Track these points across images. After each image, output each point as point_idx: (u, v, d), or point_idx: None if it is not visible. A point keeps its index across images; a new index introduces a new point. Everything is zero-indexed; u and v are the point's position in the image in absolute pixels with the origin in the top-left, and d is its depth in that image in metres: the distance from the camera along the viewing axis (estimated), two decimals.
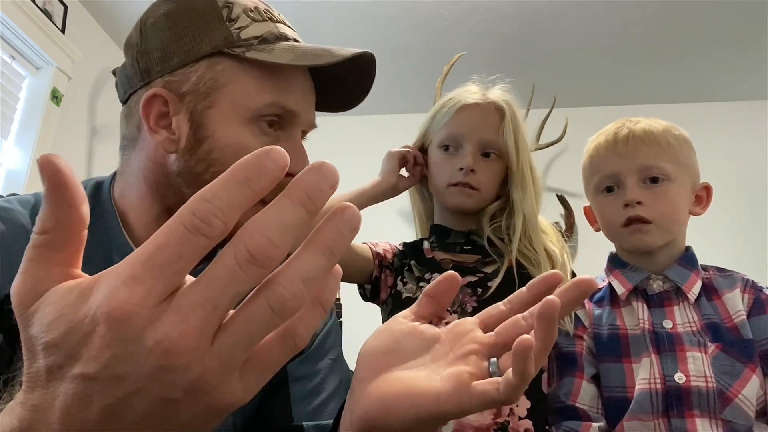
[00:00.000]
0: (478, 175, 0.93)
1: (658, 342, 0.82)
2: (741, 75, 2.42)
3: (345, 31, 2.23)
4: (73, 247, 0.26)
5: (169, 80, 0.60)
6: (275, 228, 0.23)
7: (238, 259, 0.23)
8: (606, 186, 0.92)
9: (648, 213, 0.86)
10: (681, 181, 0.88)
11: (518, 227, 0.92)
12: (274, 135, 0.63)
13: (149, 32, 0.62)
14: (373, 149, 1.93)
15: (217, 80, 0.60)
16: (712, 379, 0.78)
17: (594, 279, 0.37)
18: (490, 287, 0.89)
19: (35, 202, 0.63)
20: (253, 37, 0.60)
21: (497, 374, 0.38)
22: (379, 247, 0.98)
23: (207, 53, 0.59)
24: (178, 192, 0.62)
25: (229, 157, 0.59)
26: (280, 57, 0.60)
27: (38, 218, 0.25)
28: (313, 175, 0.24)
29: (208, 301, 0.23)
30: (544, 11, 2.10)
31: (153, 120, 0.61)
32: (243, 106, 0.60)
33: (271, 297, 0.24)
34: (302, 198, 0.24)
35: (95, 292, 0.23)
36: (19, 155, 1.88)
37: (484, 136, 0.94)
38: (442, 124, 0.97)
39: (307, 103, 0.66)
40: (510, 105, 0.96)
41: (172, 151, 0.61)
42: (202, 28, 0.60)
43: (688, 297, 0.85)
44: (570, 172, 1.64)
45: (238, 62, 0.60)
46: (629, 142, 0.89)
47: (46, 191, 0.24)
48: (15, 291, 0.25)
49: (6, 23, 1.75)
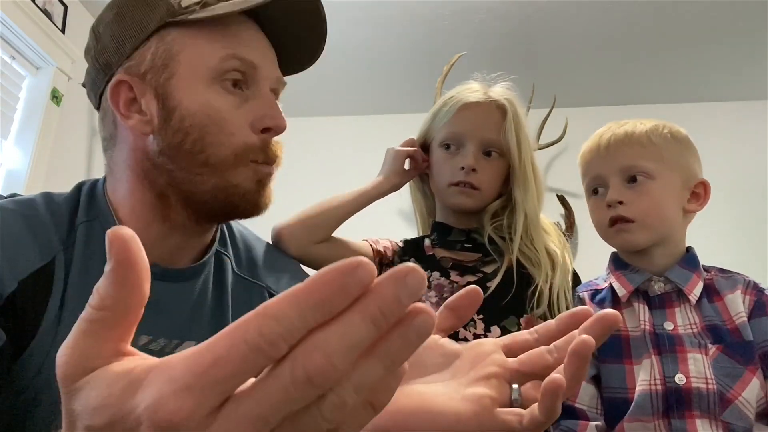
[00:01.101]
0: (480, 174, 0.93)
1: (659, 343, 0.82)
2: (741, 75, 2.41)
3: (345, 31, 2.23)
4: (128, 324, 0.25)
5: (128, 66, 0.62)
6: (339, 350, 0.21)
7: (294, 379, 0.21)
8: (593, 188, 0.94)
9: (629, 212, 0.87)
10: (665, 178, 0.88)
11: (519, 226, 0.92)
12: (240, 93, 0.64)
13: (101, 32, 0.64)
14: (373, 149, 1.93)
15: (170, 50, 0.61)
16: (712, 381, 0.78)
17: (618, 314, 0.35)
18: (489, 287, 0.89)
19: (35, 202, 0.63)
20: (194, 3, 0.62)
21: (519, 402, 0.37)
22: (379, 244, 0.98)
23: (154, 29, 0.62)
24: (164, 171, 0.62)
25: (203, 120, 0.61)
26: (221, 10, 0.61)
27: (96, 292, 0.24)
28: (394, 285, 0.21)
29: (258, 419, 0.21)
30: (544, 11, 2.10)
31: (123, 107, 0.62)
32: (201, 67, 0.62)
33: (323, 406, 0.22)
34: (375, 315, 0.21)
35: (144, 390, 0.22)
36: (19, 155, 1.88)
37: (486, 135, 0.94)
38: (444, 123, 0.96)
39: (264, 56, 0.66)
40: (512, 103, 0.96)
41: (148, 132, 0.62)
42: (145, 9, 0.62)
43: (689, 299, 0.85)
44: (570, 172, 1.64)
45: (184, 28, 0.62)
46: (610, 145, 0.90)
47: (110, 267, 0.23)
48: (61, 362, 0.24)
49: (6, 23, 1.75)
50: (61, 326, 0.57)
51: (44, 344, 0.56)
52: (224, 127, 0.62)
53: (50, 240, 0.60)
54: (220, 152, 0.61)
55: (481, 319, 0.87)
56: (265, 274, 0.74)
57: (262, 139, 0.64)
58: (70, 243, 0.61)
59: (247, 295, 0.72)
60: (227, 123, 0.62)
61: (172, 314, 0.65)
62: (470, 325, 0.86)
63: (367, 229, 1.00)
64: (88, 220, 0.64)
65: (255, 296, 0.73)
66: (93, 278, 0.60)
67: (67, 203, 0.65)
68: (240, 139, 0.62)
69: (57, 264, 0.59)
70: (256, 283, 0.73)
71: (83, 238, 0.62)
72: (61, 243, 0.60)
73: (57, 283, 0.58)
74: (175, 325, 0.65)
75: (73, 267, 0.60)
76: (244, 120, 0.63)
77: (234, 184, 0.63)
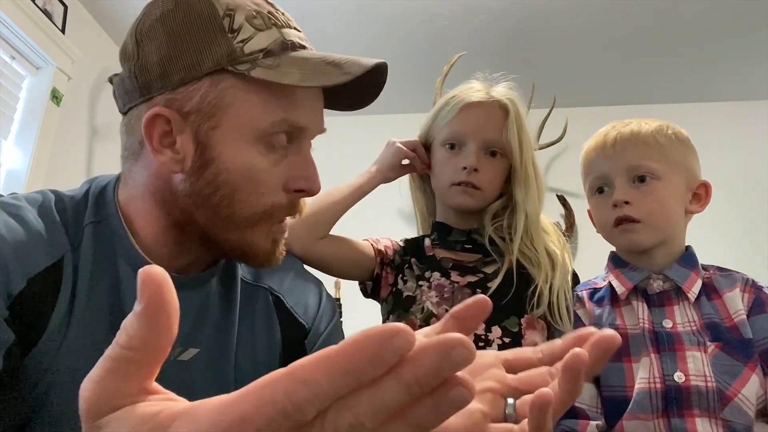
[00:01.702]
0: (482, 174, 0.93)
1: (658, 341, 0.82)
2: (741, 75, 2.42)
3: (345, 31, 2.23)
4: (155, 363, 0.24)
5: (170, 98, 0.57)
6: (370, 411, 0.20)
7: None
8: (597, 187, 0.93)
9: (636, 212, 0.87)
10: (671, 179, 0.88)
11: (520, 226, 0.92)
12: (281, 150, 0.61)
13: (145, 42, 0.58)
14: (373, 149, 1.93)
15: (221, 99, 0.57)
16: (711, 379, 0.78)
17: (617, 334, 0.35)
18: (490, 287, 0.89)
19: (43, 200, 0.62)
20: (258, 50, 0.57)
21: (513, 417, 0.36)
22: (380, 243, 0.98)
23: (209, 70, 0.56)
24: (185, 212, 0.61)
25: (238, 179, 0.58)
26: (287, 77, 0.57)
27: (125, 330, 0.24)
28: (437, 356, 0.20)
29: None
30: (544, 11, 2.10)
31: (156, 140, 0.58)
32: (250, 126, 0.58)
33: None
34: (410, 383, 0.20)
35: None
36: (19, 155, 1.88)
37: (488, 135, 0.94)
38: (446, 122, 0.96)
39: (316, 115, 0.64)
40: (514, 103, 0.96)
41: (177, 171, 0.59)
42: (202, 42, 0.56)
43: (688, 296, 0.85)
44: (570, 172, 1.64)
45: (242, 80, 0.57)
46: (616, 144, 0.90)
47: (141, 307, 0.23)
48: (85, 396, 0.24)
49: (6, 23, 1.75)
50: (70, 331, 0.57)
51: (51, 346, 0.56)
52: (257, 188, 0.59)
53: (59, 238, 0.59)
54: (247, 211, 0.59)
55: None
56: (267, 274, 0.74)
57: (290, 198, 0.62)
58: (77, 243, 0.60)
59: (253, 299, 0.72)
60: (261, 184, 0.59)
61: (180, 322, 0.64)
62: None
63: (367, 229, 1.00)
64: (96, 221, 0.62)
65: (260, 300, 0.72)
66: (101, 286, 0.59)
67: (75, 202, 0.63)
68: (269, 200, 0.60)
69: (66, 263, 0.58)
70: (260, 286, 0.73)
71: (90, 240, 0.61)
72: (68, 242, 0.59)
73: (66, 283, 0.58)
74: (181, 332, 0.64)
75: (81, 269, 0.59)
76: (278, 179, 0.61)
77: (249, 242, 0.61)
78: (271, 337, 0.71)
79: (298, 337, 0.72)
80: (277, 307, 0.72)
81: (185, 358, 0.64)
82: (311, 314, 0.74)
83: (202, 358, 0.65)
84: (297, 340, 0.72)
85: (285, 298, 0.73)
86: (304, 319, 0.73)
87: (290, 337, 0.72)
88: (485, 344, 0.85)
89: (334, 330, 0.76)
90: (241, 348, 0.69)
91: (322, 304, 0.76)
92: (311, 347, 0.73)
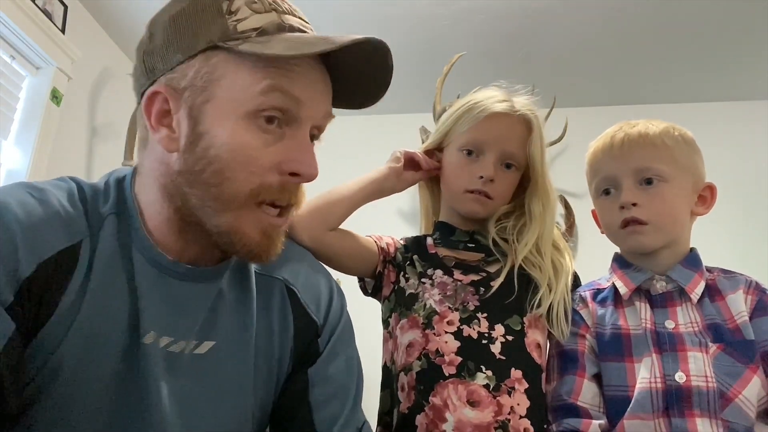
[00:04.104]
0: (496, 185, 0.94)
1: (660, 342, 0.83)
2: (741, 75, 2.41)
3: (345, 31, 2.22)
4: None
5: (170, 77, 0.59)
6: None
7: None
8: (604, 188, 0.93)
9: (643, 214, 0.87)
10: (678, 181, 0.88)
11: (531, 239, 0.93)
12: (276, 132, 0.60)
13: (156, 32, 0.62)
14: (373, 149, 1.94)
15: (212, 73, 0.58)
16: (712, 379, 0.78)
17: None
18: (492, 287, 0.90)
19: (67, 186, 0.63)
20: (251, 29, 0.59)
21: None
22: (382, 241, 0.99)
23: (203, 48, 0.58)
24: (180, 193, 0.61)
25: (227, 154, 0.58)
26: (272, 48, 0.58)
27: None
28: None
29: None
30: (544, 11, 2.10)
31: (155, 117, 0.60)
32: (239, 100, 0.58)
33: None
34: None
35: None
36: (19, 155, 1.88)
37: (508, 148, 0.94)
38: (467, 128, 0.96)
39: (314, 90, 0.63)
40: (537, 117, 0.97)
41: (174, 149, 0.60)
42: (200, 23, 0.59)
43: (690, 297, 0.85)
44: (570, 172, 1.64)
45: (232, 54, 0.58)
46: (624, 145, 0.90)
47: None
48: None
49: (6, 23, 1.75)
50: (80, 317, 0.57)
51: (58, 331, 0.56)
52: (248, 165, 0.59)
53: (79, 223, 0.59)
54: (234, 188, 0.59)
55: (485, 317, 0.87)
56: (281, 266, 0.74)
57: (282, 181, 0.61)
58: (96, 230, 0.61)
59: (269, 292, 0.72)
60: (252, 161, 0.59)
61: (194, 315, 0.65)
62: (474, 323, 0.86)
63: (366, 228, 1.00)
64: (115, 212, 0.63)
65: (276, 293, 0.73)
66: (116, 273, 0.60)
67: (95, 191, 0.64)
68: (258, 179, 0.59)
69: (83, 248, 0.59)
70: (275, 278, 0.73)
71: (111, 228, 0.62)
72: (88, 228, 0.60)
73: (80, 268, 0.58)
74: (196, 325, 0.65)
75: (98, 255, 0.59)
76: (271, 160, 0.60)
77: (237, 229, 0.60)
78: (285, 330, 0.72)
79: (309, 333, 0.73)
80: (292, 302, 0.73)
81: (201, 351, 0.65)
82: (323, 310, 0.75)
83: (220, 351, 0.66)
84: (308, 336, 0.73)
85: (300, 294, 0.74)
86: (317, 315, 0.74)
87: (302, 332, 0.73)
88: (488, 342, 0.85)
89: (344, 330, 0.77)
90: (260, 341, 0.69)
91: (334, 300, 0.78)
92: (324, 345, 0.74)
